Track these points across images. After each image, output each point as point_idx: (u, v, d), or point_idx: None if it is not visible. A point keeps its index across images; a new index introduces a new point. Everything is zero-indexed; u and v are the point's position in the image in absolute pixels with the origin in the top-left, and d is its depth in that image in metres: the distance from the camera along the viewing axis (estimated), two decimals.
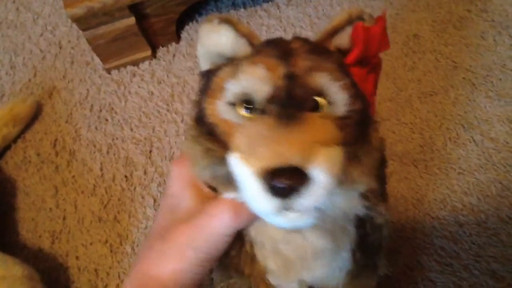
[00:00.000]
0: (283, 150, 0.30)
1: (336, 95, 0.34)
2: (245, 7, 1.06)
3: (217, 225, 0.38)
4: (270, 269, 0.42)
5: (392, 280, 0.73)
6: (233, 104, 0.35)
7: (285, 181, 0.30)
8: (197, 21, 1.05)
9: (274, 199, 0.30)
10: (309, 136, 0.31)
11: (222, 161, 0.35)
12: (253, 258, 0.42)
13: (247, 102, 0.35)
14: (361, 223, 0.42)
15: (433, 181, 0.80)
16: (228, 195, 0.38)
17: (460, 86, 0.89)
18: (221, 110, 0.36)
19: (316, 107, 0.34)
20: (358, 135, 0.36)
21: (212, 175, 0.36)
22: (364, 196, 0.40)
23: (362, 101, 0.36)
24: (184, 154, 0.43)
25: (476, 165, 0.81)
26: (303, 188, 0.30)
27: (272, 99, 0.33)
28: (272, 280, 0.43)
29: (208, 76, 0.39)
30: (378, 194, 0.42)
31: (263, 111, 0.34)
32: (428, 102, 0.88)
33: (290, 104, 0.33)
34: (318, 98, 0.34)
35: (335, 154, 0.32)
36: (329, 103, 0.34)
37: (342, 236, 0.41)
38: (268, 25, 1.02)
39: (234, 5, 1.06)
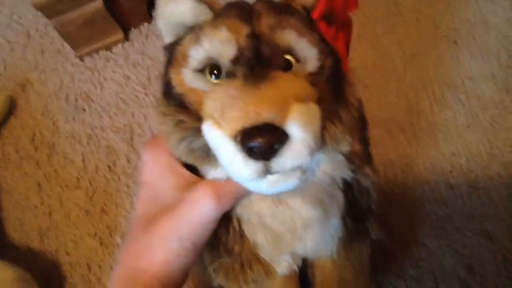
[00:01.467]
0: (255, 109, 0.29)
1: (305, 51, 0.33)
2: None
3: (199, 213, 0.37)
4: (260, 245, 0.41)
5: (386, 248, 0.72)
6: (199, 71, 0.34)
7: (261, 139, 0.28)
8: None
9: (253, 161, 0.29)
10: (280, 92, 0.30)
11: (196, 132, 0.33)
12: (241, 235, 0.41)
13: (213, 67, 0.34)
14: (348, 188, 0.42)
15: (421, 145, 0.79)
16: (207, 172, 0.37)
17: (442, 45, 0.87)
18: (187, 78, 0.35)
19: (285, 66, 0.33)
20: (333, 92, 0.35)
21: (188, 148, 0.35)
22: (348, 158, 0.39)
23: (333, 56, 0.35)
24: (155, 137, 0.42)
25: (463, 125, 0.80)
26: (282, 146, 0.29)
27: (238, 60, 0.32)
28: (263, 255, 0.42)
29: (171, 48, 0.37)
30: (363, 156, 0.41)
31: (230, 74, 0.32)
32: (411, 65, 0.86)
33: (257, 64, 0.32)
34: (286, 56, 0.33)
35: (311, 109, 0.31)
36: (298, 60, 0.33)
37: (330, 203, 0.41)
38: None
39: None
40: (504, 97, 0.81)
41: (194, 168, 0.39)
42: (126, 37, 0.97)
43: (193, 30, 0.35)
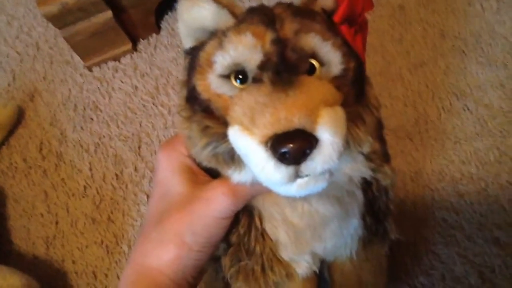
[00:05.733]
0: (285, 115, 0.29)
1: (329, 55, 0.33)
2: None
3: (215, 209, 0.37)
4: (281, 242, 0.41)
5: (396, 256, 0.72)
6: (224, 77, 0.34)
7: (293, 145, 0.28)
8: (176, 10, 1.02)
9: (284, 166, 0.29)
10: (308, 97, 0.30)
11: (222, 137, 0.33)
12: (263, 234, 0.41)
13: (239, 72, 0.33)
14: (367, 186, 0.42)
15: (430, 153, 0.79)
16: (231, 175, 0.36)
17: (449, 54, 0.87)
18: (213, 84, 0.34)
19: (310, 70, 0.33)
20: (356, 94, 0.35)
21: (213, 153, 0.35)
22: (368, 158, 0.39)
23: (356, 59, 0.35)
24: (172, 138, 0.42)
25: (472, 133, 0.79)
26: (313, 150, 0.29)
27: (264, 66, 0.32)
28: (284, 255, 0.42)
29: (193, 53, 0.37)
30: (381, 155, 0.41)
31: (256, 80, 0.32)
32: (418, 74, 0.86)
33: (284, 69, 0.32)
34: (311, 60, 0.33)
35: (338, 113, 0.31)
36: (322, 64, 0.33)
37: (350, 202, 0.41)
38: None
39: None
40: None
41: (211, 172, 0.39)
42: (135, 48, 0.98)
43: (215, 35, 0.35)
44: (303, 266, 0.43)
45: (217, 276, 0.45)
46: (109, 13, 0.89)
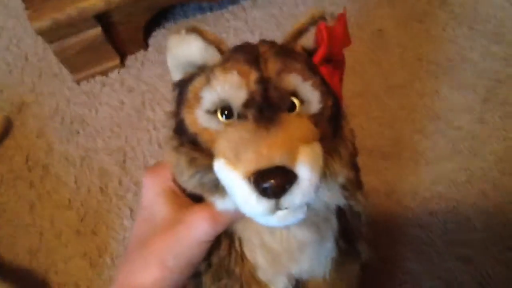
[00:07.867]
0: (267, 152, 0.32)
1: (309, 94, 0.36)
2: (211, 11, 1.06)
3: (196, 233, 0.39)
4: (259, 265, 0.43)
5: (371, 273, 0.74)
6: (211, 112, 0.36)
7: (274, 181, 0.31)
8: (164, 27, 1.04)
9: (265, 200, 0.32)
10: (289, 135, 0.33)
11: (208, 168, 0.36)
12: (242, 256, 0.43)
13: (225, 108, 0.36)
14: (341, 212, 0.44)
15: (403, 173, 0.82)
16: (215, 202, 0.39)
17: (425, 78, 0.91)
18: (200, 119, 0.37)
19: (291, 108, 0.36)
20: (333, 129, 0.38)
21: (199, 183, 0.37)
22: (343, 186, 0.41)
23: (333, 97, 0.38)
24: (156, 164, 0.44)
25: (443, 154, 0.83)
26: (292, 186, 0.32)
27: (248, 104, 0.35)
28: (262, 276, 0.44)
29: (182, 85, 0.40)
30: (355, 182, 0.44)
31: (241, 116, 0.35)
32: (395, 96, 0.90)
33: (267, 107, 0.34)
34: (292, 98, 0.36)
35: (316, 149, 0.34)
36: (302, 102, 0.36)
37: (325, 227, 0.43)
38: (235, 27, 1.03)
39: (201, 9, 1.06)
40: (481, 128, 0.85)
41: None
42: (123, 63, 1.01)
43: (203, 71, 0.38)
44: (279, 286, 0.45)
45: None
46: (98, 29, 0.92)
